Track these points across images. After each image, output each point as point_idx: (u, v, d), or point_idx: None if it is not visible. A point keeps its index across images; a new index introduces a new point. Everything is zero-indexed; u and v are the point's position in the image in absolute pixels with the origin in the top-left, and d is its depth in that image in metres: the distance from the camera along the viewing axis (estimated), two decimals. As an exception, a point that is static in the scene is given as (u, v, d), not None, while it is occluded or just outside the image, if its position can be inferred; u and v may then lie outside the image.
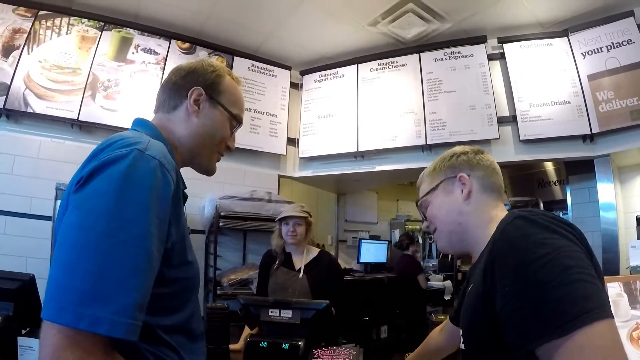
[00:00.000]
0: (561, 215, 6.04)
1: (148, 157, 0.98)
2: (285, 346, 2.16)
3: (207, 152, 1.30)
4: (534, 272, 0.87)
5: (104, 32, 4.15)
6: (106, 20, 4.19)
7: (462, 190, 1.30)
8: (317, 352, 2.18)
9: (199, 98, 1.27)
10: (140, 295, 0.87)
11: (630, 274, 3.05)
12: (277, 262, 3.19)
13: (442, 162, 1.39)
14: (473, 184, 1.30)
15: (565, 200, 5.48)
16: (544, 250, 0.89)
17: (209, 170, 1.34)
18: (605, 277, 2.39)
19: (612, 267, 3.98)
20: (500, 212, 1.25)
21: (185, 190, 1.16)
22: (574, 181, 5.20)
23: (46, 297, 0.83)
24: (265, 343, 2.19)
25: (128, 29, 4.27)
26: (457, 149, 1.40)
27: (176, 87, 1.28)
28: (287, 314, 2.31)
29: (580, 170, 4.93)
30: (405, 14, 4.30)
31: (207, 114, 1.28)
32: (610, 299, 2.28)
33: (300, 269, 3.12)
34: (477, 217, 1.27)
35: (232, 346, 2.63)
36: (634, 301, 2.27)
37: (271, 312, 2.32)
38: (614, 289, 2.38)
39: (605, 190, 4.22)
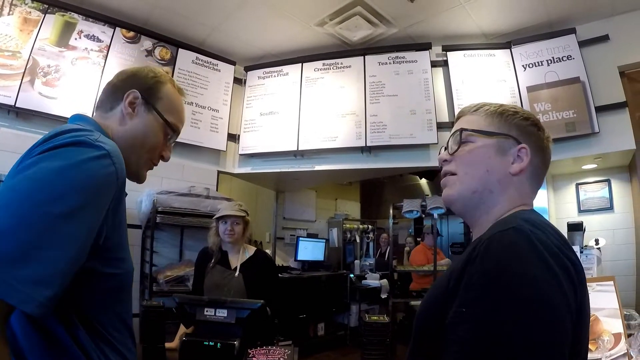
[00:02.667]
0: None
1: (99, 145, 1.00)
2: (220, 346, 2.15)
3: (136, 158, 1.26)
4: (495, 320, 0.76)
5: (47, 15, 3.92)
6: (50, 3, 3.95)
7: (514, 162, 1.06)
8: (252, 351, 2.18)
9: (134, 101, 1.25)
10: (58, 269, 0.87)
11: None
12: (213, 261, 3.16)
13: (512, 115, 1.10)
14: (528, 165, 1.05)
15: (500, 205, 5.72)
16: (522, 295, 0.76)
17: (137, 177, 1.30)
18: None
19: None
20: (530, 202, 1.08)
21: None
22: (509, 187, 5.44)
23: None
24: (201, 342, 2.17)
25: (72, 13, 4.06)
26: (529, 113, 1.12)
27: (114, 89, 1.28)
28: (222, 313, 2.30)
29: (516, 176, 5.17)
30: (353, 17, 4.34)
31: (140, 118, 1.26)
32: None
33: (236, 267, 3.10)
34: (508, 196, 1.05)
35: (167, 344, 2.59)
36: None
37: (206, 311, 2.31)
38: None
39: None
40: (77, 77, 4.01)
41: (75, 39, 4.05)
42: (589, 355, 2.04)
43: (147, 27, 4.50)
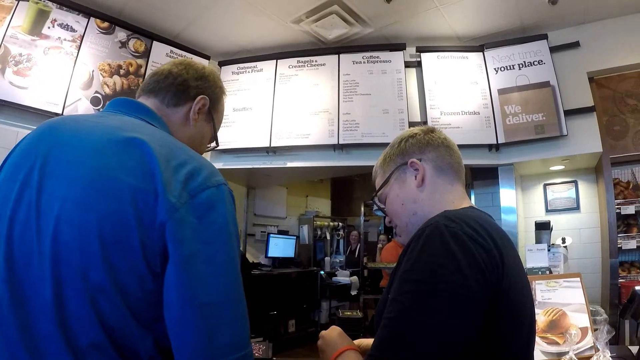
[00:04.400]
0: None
1: (230, 190, 0.98)
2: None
3: None
4: (404, 290, 0.87)
5: (20, 1, 3.77)
6: None
7: (416, 177, 1.18)
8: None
9: (202, 108, 1.22)
10: None
11: (527, 274, 3.29)
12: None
13: (391, 150, 1.27)
14: (426, 167, 1.18)
15: (469, 203, 5.81)
16: (426, 274, 0.85)
17: None
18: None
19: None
20: (456, 197, 1.17)
21: None
22: (478, 186, 5.52)
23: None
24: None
25: (47, 1, 3.91)
26: (406, 132, 1.28)
27: (185, 85, 1.20)
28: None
29: (484, 176, 5.25)
30: (329, 15, 4.34)
31: (201, 126, 1.23)
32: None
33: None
34: (432, 203, 1.15)
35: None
36: (529, 301, 2.46)
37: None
38: (511, 291, 2.56)
39: (507, 195, 4.54)
40: (49, 67, 3.87)
41: (49, 27, 3.91)
42: (557, 349, 2.14)
43: (122, 17, 4.39)
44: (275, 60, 5.06)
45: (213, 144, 1.33)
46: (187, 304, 0.82)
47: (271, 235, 6.76)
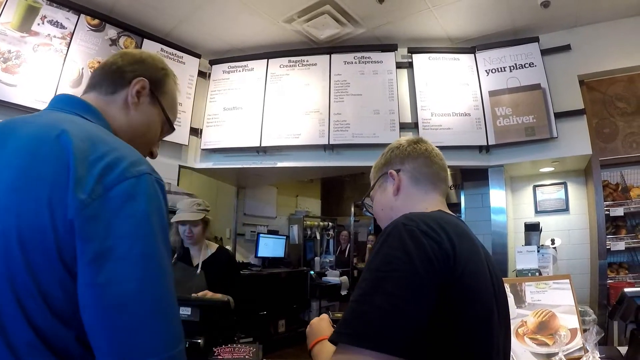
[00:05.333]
0: (454, 218, 6.43)
1: (159, 180, 0.94)
2: (185, 344, 2.10)
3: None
4: (366, 276, 0.97)
5: None
6: None
7: (394, 184, 1.33)
8: (217, 349, 2.15)
9: (142, 91, 1.16)
10: None
11: (517, 276, 3.32)
12: (174, 257, 3.10)
13: (380, 158, 1.42)
14: (402, 178, 1.32)
15: (459, 204, 5.84)
16: (383, 264, 0.96)
17: None
18: (492, 279, 2.58)
19: (501, 268, 4.29)
20: (430, 205, 1.27)
21: None
22: (469, 187, 5.56)
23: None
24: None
25: None
26: (395, 142, 1.41)
27: (120, 72, 1.16)
28: (186, 311, 2.25)
29: (474, 177, 5.29)
30: (322, 15, 4.34)
31: (144, 109, 1.18)
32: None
33: (198, 265, 3.06)
34: (405, 210, 1.21)
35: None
36: (519, 301, 2.48)
37: (169, 309, 2.26)
38: (501, 290, 2.58)
39: (497, 196, 4.55)
40: (39, 64, 3.82)
41: (38, 24, 3.85)
42: (547, 350, 2.15)
43: (113, 15, 4.35)
44: (266, 60, 5.05)
45: (168, 129, 1.29)
46: (98, 305, 0.79)
47: (261, 235, 6.74)
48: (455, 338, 0.96)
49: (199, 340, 2.11)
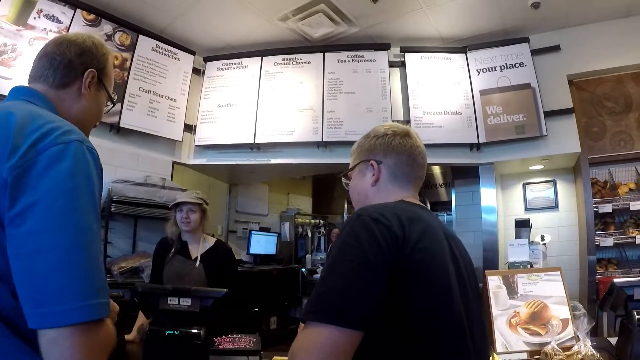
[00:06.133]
0: (445, 216, 6.51)
1: (90, 148, 1.03)
2: (186, 334, 2.14)
3: (88, 132, 1.28)
4: (326, 263, 1.10)
5: None
6: None
7: (372, 175, 1.37)
8: (218, 339, 2.19)
9: (92, 80, 1.26)
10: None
11: (509, 268, 3.39)
12: (172, 250, 3.13)
13: (364, 141, 1.45)
14: (382, 171, 1.37)
15: (450, 202, 5.90)
16: (338, 252, 1.07)
17: None
18: (486, 271, 2.66)
19: (491, 264, 4.42)
20: (400, 198, 1.33)
21: None
22: (459, 185, 5.63)
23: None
24: (164, 332, 2.15)
25: None
26: (381, 128, 1.44)
27: (71, 65, 1.24)
28: (186, 302, 2.28)
29: (465, 175, 5.35)
30: (316, 14, 4.39)
31: (94, 96, 1.29)
32: (490, 290, 2.52)
33: (196, 258, 3.09)
34: (377, 202, 1.33)
35: (126, 336, 2.55)
36: (512, 292, 2.54)
37: (170, 300, 2.28)
38: (494, 282, 2.64)
39: (488, 194, 4.63)
40: (34, 58, 3.79)
41: (35, 18, 3.84)
42: (539, 339, 2.22)
43: (108, 10, 4.34)
44: (260, 57, 5.08)
45: (110, 105, 1.40)
46: (19, 253, 0.87)
47: (253, 232, 6.75)
48: (411, 308, 1.06)
49: (200, 331, 2.15)
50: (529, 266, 3.60)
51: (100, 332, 0.90)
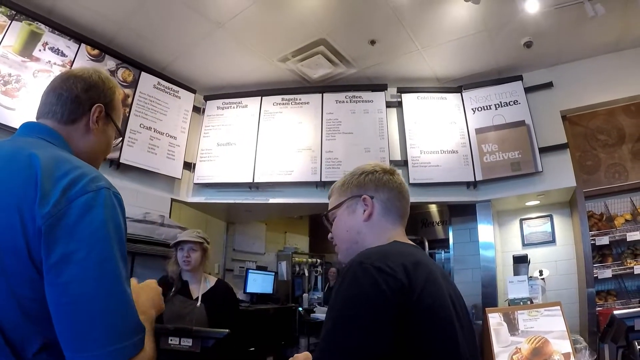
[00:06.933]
0: (443, 253, 6.49)
1: (116, 193, 1.07)
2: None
3: (98, 166, 1.30)
4: (330, 315, 1.07)
5: (14, 21, 3.75)
6: (18, 10, 3.79)
7: (364, 211, 1.35)
8: (219, 380, 2.16)
9: (100, 115, 1.27)
10: None
11: (509, 305, 3.38)
12: (173, 290, 3.10)
13: (351, 178, 1.43)
14: (375, 206, 1.36)
15: (447, 240, 5.90)
16: (343, 306, 1.06)
17: None
18: (486, 309, 2.66)
19: (490, 300, 4.39)
20: (393, 236, 1.33)
21: None
22: (457, 222, 5.63)
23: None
24: (167, 371, 2.12)
25: (39, 23, 3.90)
26: (368, 166, 1.43)
27: (78, 101, 1.25)
28: (187, 342, 2.25)
29: (462, 212, 5.37)
30: (315, 55, 4.52)
31: (102, 130, 1.29)
32: (491, 328, 2.53)
33: (197, 297, 3.07)
34: (372, 238, 1.32)
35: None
36: (513, 329, 2.54)
37: (171, 340, 2.26)
38: (495, 319, 2.64)
39: (485, 231, 4.66)
40: (38, 90, 3.78)
41: (40, 50, 3.90)
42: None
43: (112, 46, 4.43)
44: (260, 97, 5.18)
45: (119, 139, 1.43)
46: (60, 302, 0.91)
47: (250, 270, 6.70)
48: (421, 354, 1.05)
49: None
50: (529, 302, 3.59)
51: None
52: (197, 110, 5.25)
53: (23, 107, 3.72)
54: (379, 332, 1.00)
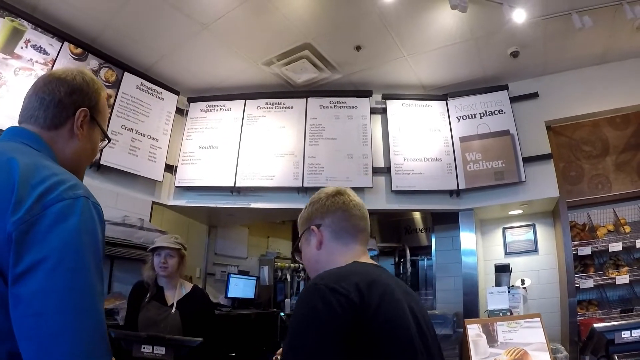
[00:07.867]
0: (426, 260, 6.48)
1: (95, 204, 1.02)
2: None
3: (83, 171, 1.27)
4: (287, 337, 1.13)
5: None
6: (1, 6, 3.66)
7: (316, 241, 1.43)
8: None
9: (84, 119, 1.22)
10: None
11: (488, 317, 3.37)
12: (148, 295, 3.05)
13: (303, 212, 1.52)
14: (323, 233, 1.42)
15: (430, 247, 5.90)
16: (297, 325, 1.13)
17: None
18: (465, 320, 2.64)
19: (472, 309, 4.40)
20: (350, 257, 1.38)
21: None
22: (439, 230, 5.64)
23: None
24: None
25: (22, 20, 3.78)
26: (317, 195, 1.51)
27: (61, 105, 1.19)
28: (160, 350, 2.22)
29: (445, 220, 5.37)
30: (300, 60, 4.48)
31: (87, 135, 1.25)
32: (470, 339, 2.51)
33: (172, 304, 3.02)
34: (329, 263, 1.37)
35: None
36: (492, 340, 2.52)
37: (144, 348, 2.22)
38: (474, 330, 2.61)
39: (468, 239, 4.66)
40: (18, 88, 3.69)
41: (22, 47, 3.78)
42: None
43: (96, 45, 4.33)
44: (244, 101, 5.12)
45: (105, 142, 1.36)
46: (24, 314, 0.85)
47: (231, 275, 6.63)
48: None
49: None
50: (508, 314, 3.58)
51: None
52: (180, 112, 5.17)
53: (3, 104, 3.61)
54: (329, 348, 1.06)
